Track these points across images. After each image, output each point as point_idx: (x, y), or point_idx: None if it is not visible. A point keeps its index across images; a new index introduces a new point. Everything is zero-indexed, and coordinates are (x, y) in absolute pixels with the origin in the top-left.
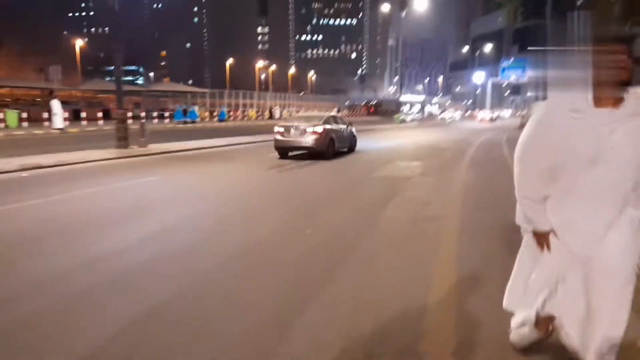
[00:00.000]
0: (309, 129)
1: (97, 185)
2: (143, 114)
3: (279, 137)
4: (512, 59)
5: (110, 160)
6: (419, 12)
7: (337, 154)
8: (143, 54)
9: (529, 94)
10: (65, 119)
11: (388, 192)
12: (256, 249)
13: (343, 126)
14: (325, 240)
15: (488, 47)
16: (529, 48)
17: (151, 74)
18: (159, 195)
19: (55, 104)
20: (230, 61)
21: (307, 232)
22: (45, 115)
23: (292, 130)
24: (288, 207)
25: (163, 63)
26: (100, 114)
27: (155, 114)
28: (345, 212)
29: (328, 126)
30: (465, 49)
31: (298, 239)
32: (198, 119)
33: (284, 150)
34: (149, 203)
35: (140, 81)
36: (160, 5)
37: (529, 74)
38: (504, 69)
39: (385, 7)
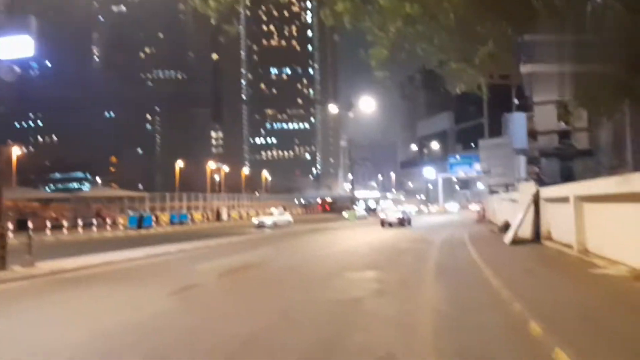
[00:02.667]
0: (397, 214)
1: None
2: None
3: (382, 217)
4: (458, 156)
5: None
6: (367, 114)
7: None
8: (92, 161)
9: (479, 186)
10: None
11: (327, 337)
12: None
13: (407, 212)
14: None
15: (435, 145)
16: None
17: (98, 180)
18: None
19: None
20: (180, 164)
21: None
22: None
23: (389, 214)
24: None
25: (113, 169)
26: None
27: (80, 222)
28: None
29: (404, 212)
30: (414, 147)
31: None
32: (152, 225)
33: (385, 223)
34: None
35: (85, 188)
36: (112, 114)
37: (477, 168)
38: (452, 165)
39: (333, 109)
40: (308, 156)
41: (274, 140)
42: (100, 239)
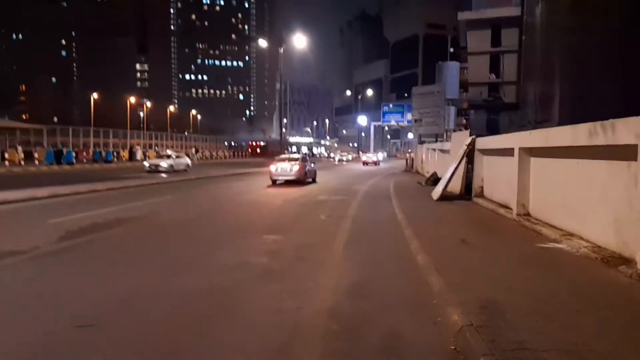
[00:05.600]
0: (374, 158)
1: None
2: None
3: (364, 159)
4: (391, 105)
5: None
6: (302, 55)
7: None
8: None
9: (409, 136)
10: None
11: None
12: None
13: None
14: None
15: (369, 92)
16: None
17: (5, 111)
18: None
19: None
20: (95, 96)
21: None
22: None
23: (368, 158)
24: None
25: (24, 98)
26: None
27: None
28: None
29: (378, 157)
30: (348, 93)
31: None
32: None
33: (365, 163)
34: None
35: None
36: (20, 37)
37: (408, 118)
38: (384, 114)
39: (262, 43)
40: (242, 97)
41: (205, 78)
42: None
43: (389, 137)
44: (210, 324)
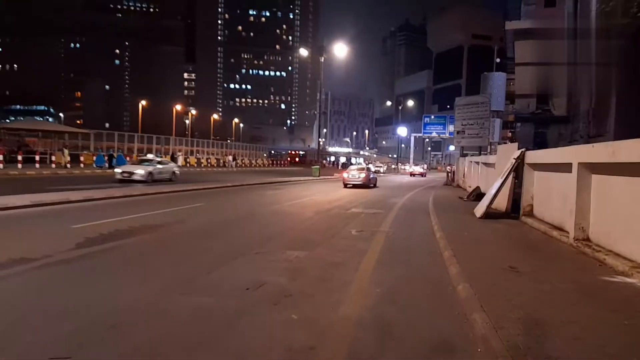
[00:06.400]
0: (419, 169)
1: None
2: None
3: (410, 170)
4: (432, 116)
5: None
6: (344, 65)
7: None
8: (55, 94)
9: (451, 148)
10: None
11: None
12: None
13: (425, 168)
14: None
15: (410, 103)
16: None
17: (62, 115)
18: None
19: None
20: (143, 103)
21: None
22: None
23: (414, 169)
24: None
25: (79, 105)
26: None
27: None
28: None
29: (424, 168)
30: (389, 103)
31: None
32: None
33: (412, 174)
34: None
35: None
36: (77, 45)
37: (450, 130)
38: (425, 125)
39: (303, 52)
40: (283, 106)
41: (249, 87)
42: (26, 177)
43: (429, 148)
44: None
